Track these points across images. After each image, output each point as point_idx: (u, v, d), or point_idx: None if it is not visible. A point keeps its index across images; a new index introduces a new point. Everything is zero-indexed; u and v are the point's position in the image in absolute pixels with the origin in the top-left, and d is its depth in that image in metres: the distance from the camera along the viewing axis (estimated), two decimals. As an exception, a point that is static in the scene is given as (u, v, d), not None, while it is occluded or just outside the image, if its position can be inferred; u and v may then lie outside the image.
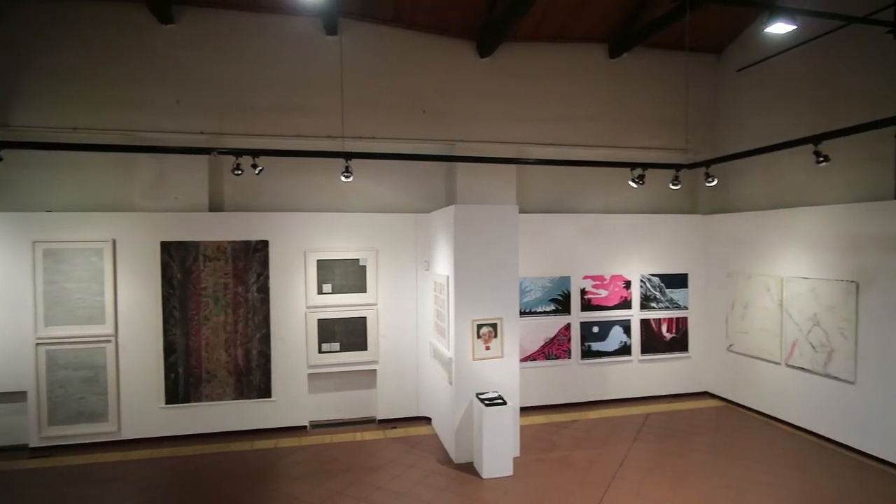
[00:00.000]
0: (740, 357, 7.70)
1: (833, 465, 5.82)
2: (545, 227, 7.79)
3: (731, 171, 8.32)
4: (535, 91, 8.12)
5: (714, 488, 5.32)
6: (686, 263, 8.29)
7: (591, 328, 7.86)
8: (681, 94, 8.12)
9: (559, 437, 6.74)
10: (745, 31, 8.10)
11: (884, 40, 5.84)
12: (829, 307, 6.29)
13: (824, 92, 6.89)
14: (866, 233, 5.94)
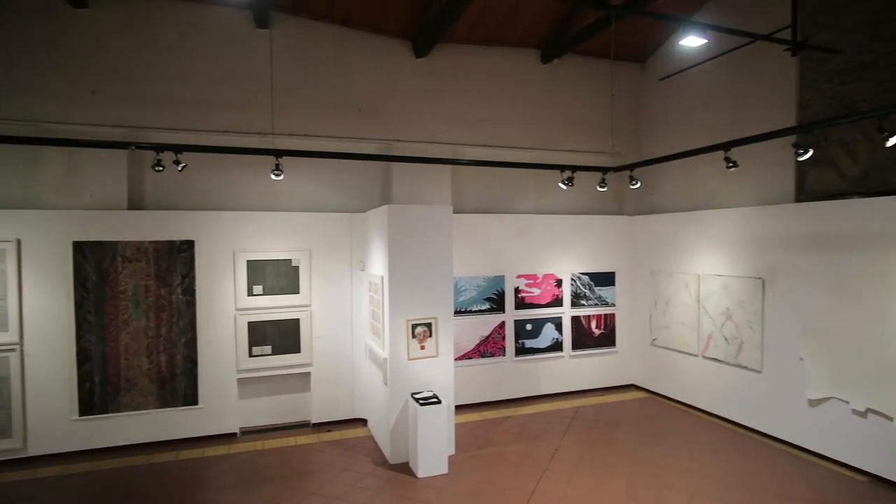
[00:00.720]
0: (662, 350, 8.16)
1: (743, 447, 6.28)
2: (480, 227, 7.92)
3: (654, 174, 8.80)
4: (470, 93, 8.24)
5: (638, 475, 5.60)
6: (613, 262, 8.68)
7: (525, 326, 8.07)
8: (608, 100, 8.50)
9: (494, 433, 6.88)
10: (666, 43, 8.58)
11: (784, 57, 6.37)
12: (740, 302, 6.79)
13: (735, 102, 7.42)
14: (770, 233, 6.45)
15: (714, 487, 5.32)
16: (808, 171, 6.41)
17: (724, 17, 7.15)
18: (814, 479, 5.48)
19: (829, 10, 6.15)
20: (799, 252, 6.09)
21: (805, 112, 6.42)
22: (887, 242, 5.23)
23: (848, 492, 5.20)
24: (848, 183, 6.00)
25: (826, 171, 6.21)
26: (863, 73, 5.83)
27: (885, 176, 5.66)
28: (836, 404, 5.74)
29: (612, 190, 8.95)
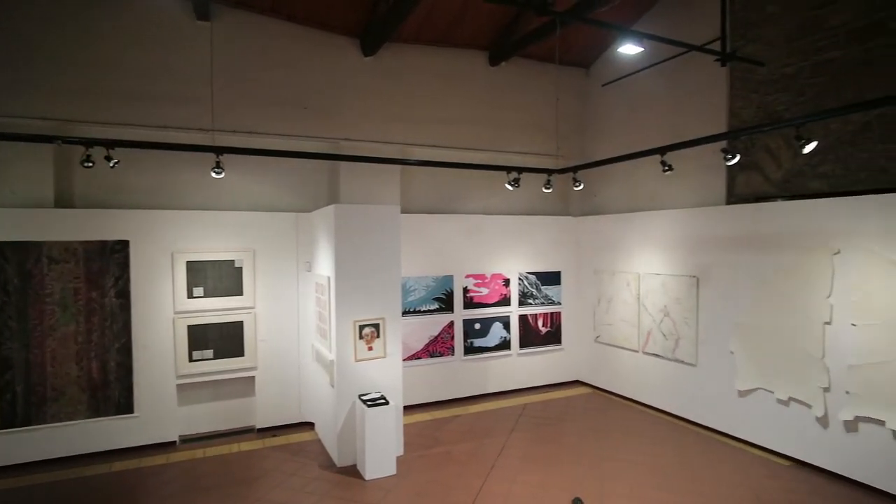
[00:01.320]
0: (606, 347, 8.44)
1: (680, 438, 6.58)
2: (429, 227, 7.94)
3: (598, 176, 9.08)
4: (419, 93, 8.25)
5: (582, 468, 5.77)
6: (559, 262, 8.90)
7: (474, 325, 8.15)
8: (554, 103, 8.71)
9: (442, 432, 6.91)
10: (609, 50, 8.88)
11: (716, 67, 6.71)
12: (676, 299, 7.11)
13: (672, 108, 7.77)
14: (704, 234, 6.80)
15: (653, 477, 5.55)
16: (737, 175, 6.79)
17: (661, 28, 7.47)
18: (742, 465, 5.82)
19: (754, 25, 6.54)
20: (729, 251, 6.45)
21: (735, 119, 6.80)
22: (806, 242, 5.62)
23: (771, 476, 5.55)
24: (772, 187, 6.40)
25: (753, 175, 6.61)
26: (784, 85, 6.24)
27: (804, 181, 6.07)
28: (763, 394, 6.11)
29: (559, 191, 9.17)
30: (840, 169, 5.72)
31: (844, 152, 5.67)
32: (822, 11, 5.85)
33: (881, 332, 5.00)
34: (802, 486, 5.33)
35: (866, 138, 5.50)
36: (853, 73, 5.60)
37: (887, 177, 5.35)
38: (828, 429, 5.49)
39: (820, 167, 5.90)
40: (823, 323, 5.45)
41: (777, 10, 6.31)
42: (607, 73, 8.89)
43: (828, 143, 5.79)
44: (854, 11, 5.58)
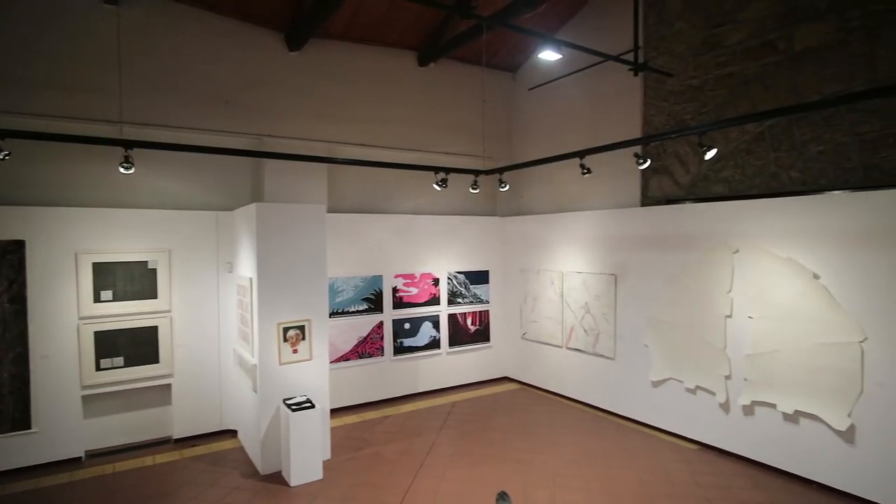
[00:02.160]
0: (532, 343, 8.71)
1: (599, 428, 6.91)
2: (358, 226, 7.85)
3: (524, 178, 9.36)
4: (347, 91, 8.13)
5: (508, 462, 5.93)
6: (487, 261, 9.09)
7: (403, 325, 8.15)
8: (481, 105, 8.87)
9: (371, 433, 6.86)
10: (535, 55, 9.15)
11: (631, 76, 7.10)
12: (596, 296, 7.46)
13: (593, 114, 8.14)
14: (621, 234, 7.18)
15: (573, 467, 5.80)
16: (650, 179, 7.23)
17: (581, 37, 7.79)
18: (655, 450, 6.20)
19: (665, 39, 6.99)
20: (643, 250, 6.85)
21: (648, 126, 7.24)
22: (709, 242, 6.08)
23: (680, 459, 5.95)
24: (681, 190, 6.87)
25: (664, 179, 7.06)
26: (691, 95, 6.71)
27: (708, 185, 6.57)
28: (673, 384, 6.54)
29: (487, 192, 9.37)
30: (738, 174, 6.24)
31: (742, 159, 6.19)
32: (723, 30, 6.35)
33: (773, 323, 5.50)
34: (707, 466, 5.76)
35: (760, 147, 6.02)
36: (749, 87, 6.12)
37: (778, 182, 5.89)
38: (729, 413, 5.97)
39: (721, 172, 6.41)
40: (725, 316, 5.92)
41: (685, 26, 6.77)
42: (533, 77, 9.17)
43: (728, 151, 6.29)
44: (749, 31, 6.10)
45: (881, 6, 5.06)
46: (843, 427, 4.98)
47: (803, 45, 5.63)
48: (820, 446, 5.21)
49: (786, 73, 5.79)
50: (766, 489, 5.26)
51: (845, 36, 5.30)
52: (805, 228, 5.27)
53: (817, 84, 5.53)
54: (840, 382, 5.00)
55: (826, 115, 5.44)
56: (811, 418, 5.26)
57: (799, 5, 5.66)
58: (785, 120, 5.77)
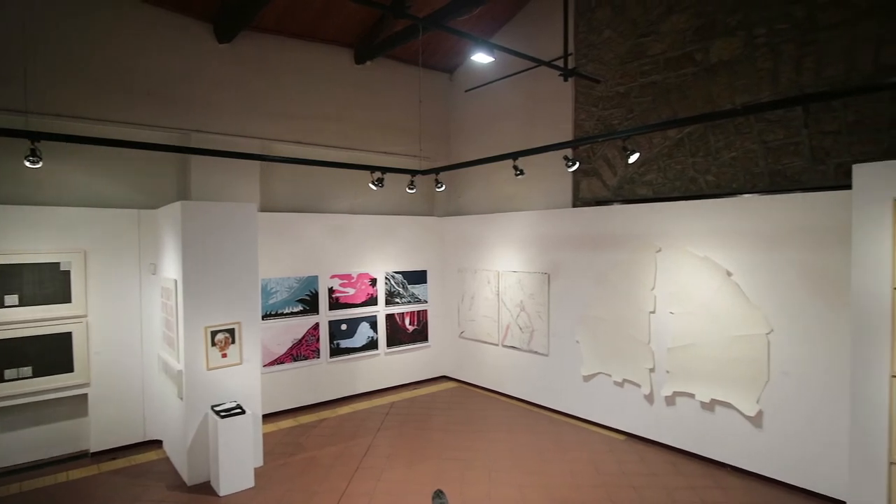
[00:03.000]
0: (469, 342, 8.82)
1: (534, 423, 7.10)
2: (292, 226, 7.66)
3: (461, 179, 9.46)
4: (282, 87, 7.91)
5: (444, 461, 5.97)
6: (425, 261, 9.11)
7: (340, 326, 8.03)
8: (418, 105, 8.88)
9: (307, 438, 6.71)
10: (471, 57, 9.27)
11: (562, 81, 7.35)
12: (531, 295, 7.66)
13: (528, 117, 8.35)
14: (554, 234, 7.40)
15: (508, 462, 5.92)
16: (581, 181, 7.50)
17: (516, 41, 7.97)
18: (586, 442, 6.44)
19: (595, 46, 7.28)
20: (575, 250, 7.10)
21: (579, 130, 7.51)
22: (635, 242, 6.38)
23: (609, 450, 6.22)
24: (609, 192, 7.18)
25: (594, 181, 7.35)
26: (618, 101, 7.03)
27: (634, 187, 6.90)
28: (603, 378, 6.82)
29: (425, 192, 9.39)
30: (661, 178, 6.59)
31: (664, 164, 6.55)
32: (646, 40, 6.69)
33: (692, 318, 5.85)
34: (633, 455, 6.05)
35: (680, 152, 6.40)
36: (670, 95, 6.48)
37: (696, 186, 6.28)
38: (653, 404, 6.29)
39: (646, 176, 6.75)
40: (649, 312, 6.24)
41: (612, 35, 7.08)
42: (470, 79, 9.28)
43: (652, 156, 6.64)
44: (670, 43, 6.46)
45: (783, 25, 5.50)
46: (752, 413, 5.38)
47: (718, 58, 6.03)
48: (733, 431, 5.59)
49: (702, 83, 6.18)
50: (687, 474, 5.59)
51: (752, 51, 5.73)
52: (719, 229, 5.65)
53: (730, 95, 5.94)
54: (750, 372, 5.40)
55: (737, 123, 5.85)
56: (725, 406, 5.64)
57: (713, 21, 6.05)
58: (702, 127, 6.16)
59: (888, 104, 4.87)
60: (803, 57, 5.38)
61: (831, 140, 5.23)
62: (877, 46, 4.93)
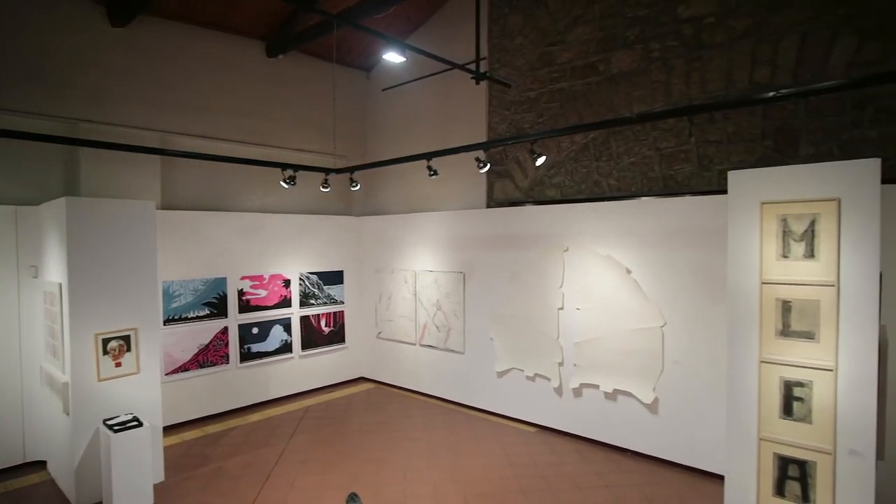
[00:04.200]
0: (387, 342, 8.79)
1: (450, 420, 7.20)
2: (198, 225, 7.24)
3: (378, 178, 9.40)
4: (187, 78, 7.45)
5: (360, 463, 5.91)
6: (341, 261, 8.96)
7: (251, 329, 7.70)
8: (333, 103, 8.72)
9: (214, 448, 6.38)
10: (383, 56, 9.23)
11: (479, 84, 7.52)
12: (447, 294, 7.76)
13: (444, 118, 8.45)
14: (468, 233, 7.55)
15: (424, 460, 5.97)
16: (495, 182, 7.72)
17: (432, 43, 8.05)
18: (499, 436, 6.64)
19: (507, 52, 7.51)
20: (489, 249, 7.28)
21: (493, 133, 7.71)
22: (545, 241, 6.66)
23: (521, 443, 6.45)
24: (521, 193, 7.44)
25: (507, 183, 7.58)
26: (529, 106, 7.30)
27: (544, 189, 7.20)
28: (516, 373, 7.06)
29: (341, 191, 9.23)
30: (568, 180, 6.93)
31: (571, 167, 6.88)
32: (555, 49, 7.00)
33: (596, 314, 6.20)
34: (544, 447, 6.31)
35: (585, 156, 6.75)
36: (576, 102, 6.83)
37: (599, 188, 6.66)
38: (562, 397, 6.60)
39: (554, 178, 7.06)
40: (558, 309, 6.54)
41: (524, 41, 7.34)
42: (387, 78, 9.24)
43: (560, 159, 6.95)
44: (576, 52, 6.80)
45: (674, 42, 5.97)
46: (649, 400, 5.79)
47: (618, 69, 6.43)
48: (632, 418, 5.99)
49: (605, 91, 6.56)
50: (591, 461, 5.91)
51: (648, 64, 6.17)
52: (620, 229, 6.03)
53: (629, 104, 6.36)
54: (647, 362, 5.81)
55: (635, 131, 6.27)
56: (626, 395, 6.03)
57: (614, 34, 6.44)
58: (605, 133, 6.54)
59: (760, 118, 5.43)
60: (691, 72, 5.88)
61: (714, 149, 5.75)
62: (751, 66, 5.49)
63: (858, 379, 3.41)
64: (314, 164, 7.54)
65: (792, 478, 3.68)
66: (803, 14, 5.17)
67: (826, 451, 3.53)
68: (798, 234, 3.57)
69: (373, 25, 7.41)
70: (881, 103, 4.81)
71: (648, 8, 6.15)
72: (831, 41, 5.03)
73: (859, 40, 4.89)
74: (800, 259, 3.57)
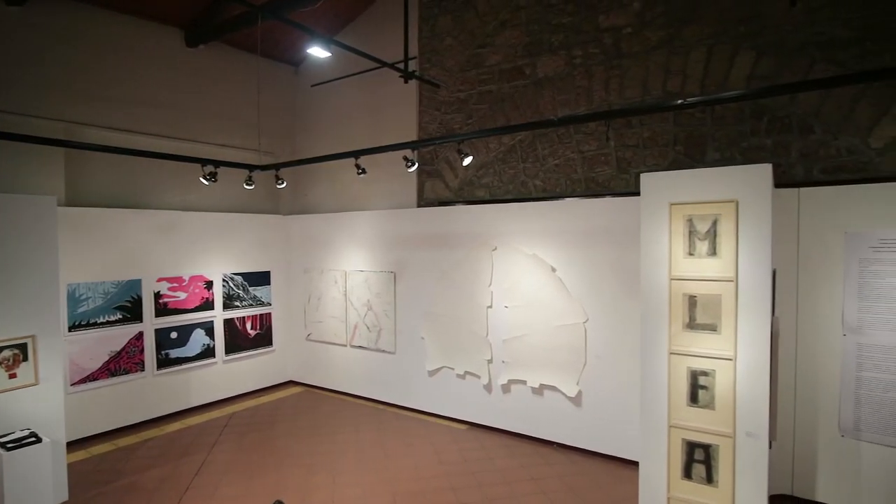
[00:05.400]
0: (317, 344, 8.60)
1: (380, 421, 7.15)
2: (109, 223, 6.76)
3: (308, 176, 9.18)
4: (97, 64, 6.92)
5: (287, 469, 5.74)
6: (268, 261, 8.67)
7: (169, 334, 7.29)
8: (262, 98, 8.42)
9: (127, 462, 5.98)
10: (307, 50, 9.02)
11: (411, 84, 7.51)
12: (378, 294, 7.70)
13: (375, 116, 8.37)
14: (399, 233, 7.53)
15: (354, 463, 5.89)
16: (425, 182, 7.74)
17: (362, 40, 7.93)
18: (429, 435, 6.66)
19: (437, 52, 7.56)
20: (419, 249, 7.30)
21: (423, 133, 7.73)
22: (474, 241, 6.76)
23: (452, 440, 6.51)
24: (451, 193, 7.51)
25: (437, 182, 7.63)
26: (458, 107, 7.38)
27: (473, 189, 7.31)
28: (446, 372, 7.11)
29: (269, 190, 8.93)
30: (497, 181, 7.07)
31: (499, 168, 7.03)
32: (483, 51, 7.12)
33: (523, 311, 6.36)
34: (474, 443, 6.40)
35: (513, 158, 6.92)
36: (504, 104, 6.98)
37: (526, 189, 6.84)
38: (491, 393, 6.72)
39: (483, 179, 7.18)
40: (486, 307, 6.65)
41: (453, 42, 7.41)
42: (317, 74, 9.04)
43: (489, 160, 7.08)
44: (503, 55, 6.95)
45: (595, 50, 6.24)
46: (573, 393, 6.02)
47: (544, 73, 6.63)
48: (558, 412, 6.20)
49: (531, 95, 6.75)
50: (519, 455, 6.06)
51: (572, 70, 6.41)
52: (545, 229, 6.22)
53: (554, 108, 6.58)
54: (571, 357, 6.03)
55: (559, 134, 6.50)
56: (552, 389, 6.23)
57: (540, 39, 6.64)
58: (531, 136, 6.72)
59: (672, 125, 5.79)
60: (610, 79, 6.16)
61: (632, 152, 6.06)
62: (664, 76, 5.83)
63: (754, 367, 3.71)
64: (236, 160, 7.24)
65: (698, 461, 3.95)
66: (710, 29, 5.55)
67: (727, 435, 3.81)
68: (702, 233, 3.83)
69: (300, 19, 7.26)
70: (774, 114, 5.26)
71: (572, 16, 6.38)
72: (733, 56, 5.43)
73: (756, 56, 5.31)
74: (704, 257, 3.84)
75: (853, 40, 4.89)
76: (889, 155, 4.80)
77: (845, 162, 4.99)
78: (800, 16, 5.10)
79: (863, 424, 4.53)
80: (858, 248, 4.52)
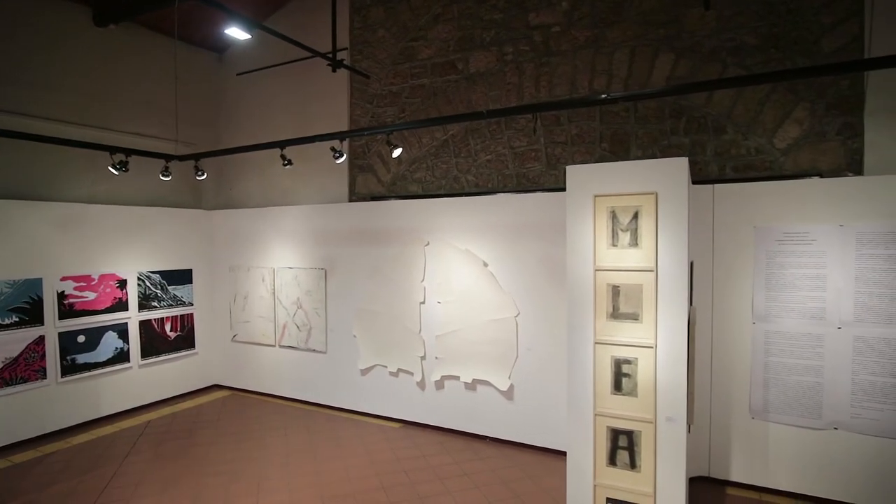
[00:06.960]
0: (243, 345, 8.20)
1: (311, 423, 6.90)
2: (2, 216, 6.12)
3: (233, 169, 8.75)
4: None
5: (207, 478, 5.40)
6: (190, 259, 8.17)
7: (76, 338, 6.70)
8: (181, 85, 7.93)
9: (24, 479, 5.43)
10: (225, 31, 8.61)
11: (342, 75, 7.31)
12: (308, 291, 7.44)
13: (304, 108, 8.09)
14: (330, 228, 7.31)
15: (281, 467, 5.64)
16: (357, 176, 7.57)
17: (291, 28, 7.62)
18: (362, 434, 6.50)
19: (369, 44, 7.41)
20: (351, 244, 7.11)
21: (355, 126, 7.55)
22: (407, 236, 6.66)
23: (384, 439, 6.38)
24: (384, 188, 7.38)
25: (369, 177, 7.47)
26: (391, 100, 7.27)
27: (406, 184, 7.21)
28: (379, 370, 6.97)
29: (191, 183, 8.43)
30: (429, 176, 7.01)
31: (432, 163, 6.98)
32: (416, 44, 7.04)
33: (456, 307, 6.33)
34: (407, 441, 6.30)
35: (445, 153, 6.89)
36: (437, 99, 6.93)
37: (459, 184, 6.83)
38: (425, 390, 6.65)
39: (416, 174, 7.11)
40: (419, 303, 6.57)
41: (386, 34, 7.28)
42: (243, 62, 8.62)
43: (421, 154, 7.01)
44: (436, 49, 6.91)
45: (526, 47, 6.32)
46: (505, 387, 6.05)
47: (476, 69, 6.64)
48: (491, 406, 6.22)
49: (464, 90, 6.74)
50: (452, 451, 6.02)
51: (503, 66, 6.46)
52: (478, 224, 6.22)
53: (485, 103, 6.60)
54: (503, 351, 6.06)
55: (491, 129, 6.53)
56: (484, 384, 6.24)
57: (472, 35, 6.65)
58: (463, 131, 6.72)
59: (599, 123, 5.95)
60: (540, 76, 6.26)
61: (560, 149, 6.18)
62: (591, 74, 5.98)
63: (673, 354, 3.84)
64: (152, 150, 6.76)
65: (622, 447, 4.05)
66: (632, 31, 5.75)
67: (648, 421, 3.93)
68: (624, 224, 3.93)
69: (224, 2, 6.88)
70: (692, 115, 5.52)
71: (503, 13, 6.43)
72: (654, 58, 5.66)
73: (675, 58, 5.56)
74: (626, 248, 3.94)
75: (759, 47, 5.21)
76: (791, 154, 5.15)
77: (754, 161, 5.31)
78: (713, 22, 5.38)
79: (770, 406, 4.83)
80: (766, 241, 4.82)
